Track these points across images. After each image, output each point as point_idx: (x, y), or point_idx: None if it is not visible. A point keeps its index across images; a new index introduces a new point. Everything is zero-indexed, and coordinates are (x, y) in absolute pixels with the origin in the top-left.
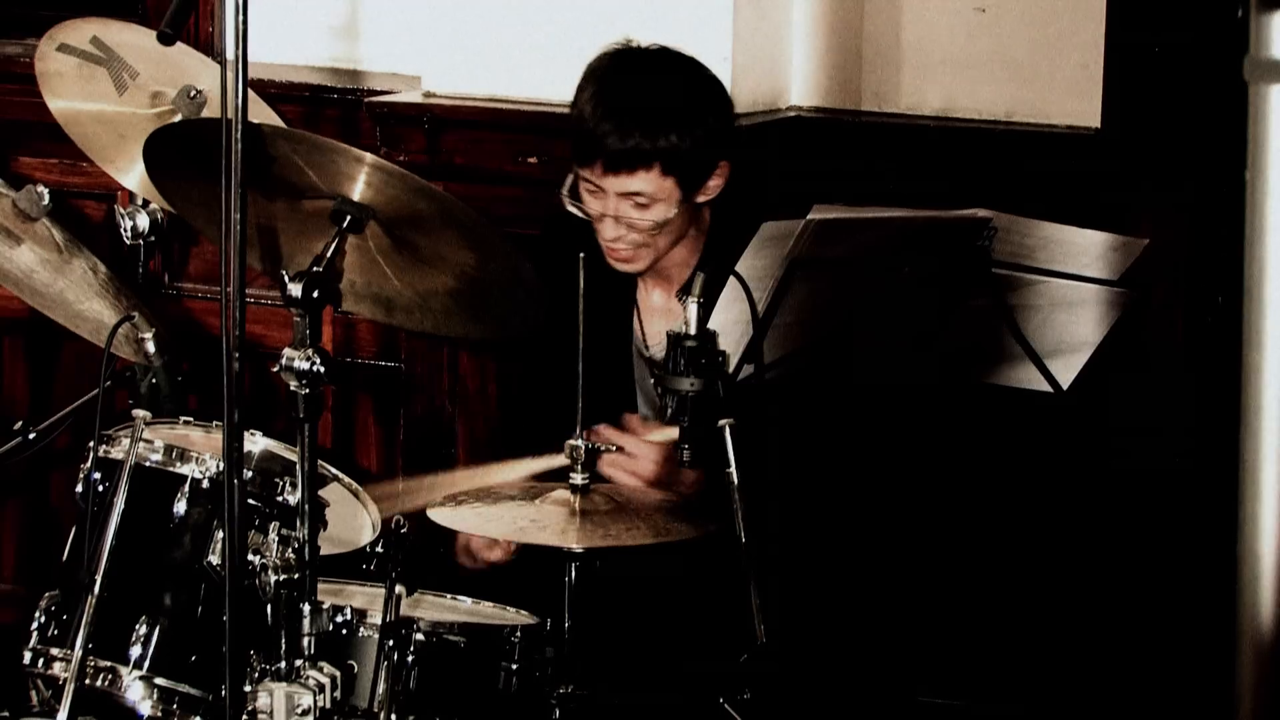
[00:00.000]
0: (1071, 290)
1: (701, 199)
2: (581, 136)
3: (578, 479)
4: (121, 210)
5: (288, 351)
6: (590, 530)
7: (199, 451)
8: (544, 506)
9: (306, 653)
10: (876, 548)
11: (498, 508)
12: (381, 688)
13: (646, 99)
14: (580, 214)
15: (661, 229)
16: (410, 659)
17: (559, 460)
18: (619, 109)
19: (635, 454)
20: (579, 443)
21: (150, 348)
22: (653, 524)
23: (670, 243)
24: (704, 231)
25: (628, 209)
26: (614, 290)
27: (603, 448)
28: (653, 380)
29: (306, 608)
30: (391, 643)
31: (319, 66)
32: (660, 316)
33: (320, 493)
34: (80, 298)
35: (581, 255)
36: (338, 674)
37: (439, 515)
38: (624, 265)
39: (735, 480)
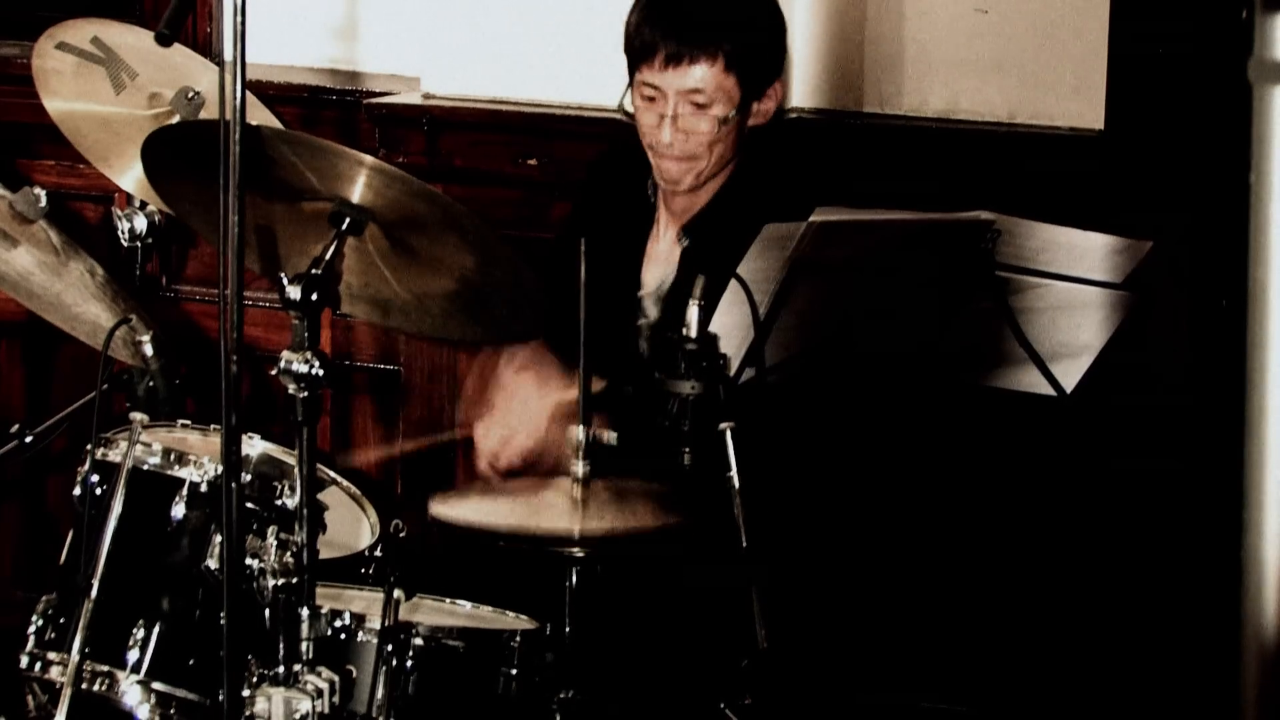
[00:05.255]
0: (1075, 293)
1: (754, 120)
2: (639, 40)
3: (579, 469)
4: (119, 212)
5: (286, 354)
6: (591, 518)
7: (197, 455)
8: (545, 495)
9: (305, 657)
10: (878, 552)
11: (500, 499)
12: (380, 693)
13: (708, 1)
14: (635, 123)
15: (718, 133)
16: (409, 664)
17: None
18: (681, 7)
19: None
20: (579, 433)
21: (148, 350)
22: (653, 511)
23: (718, 161)
24: (728, 175)
25: (687, 110)
26: (630, 232)
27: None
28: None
29: (305, 612)
30: (390, 647)
31: (317, 68)
32: (659, 261)
33: (319, 496)
34: (77, 300)
35: (582, 240)
36: (336, 679)
37: (441, 509)
38: (672, 183)
39: (737, 484)
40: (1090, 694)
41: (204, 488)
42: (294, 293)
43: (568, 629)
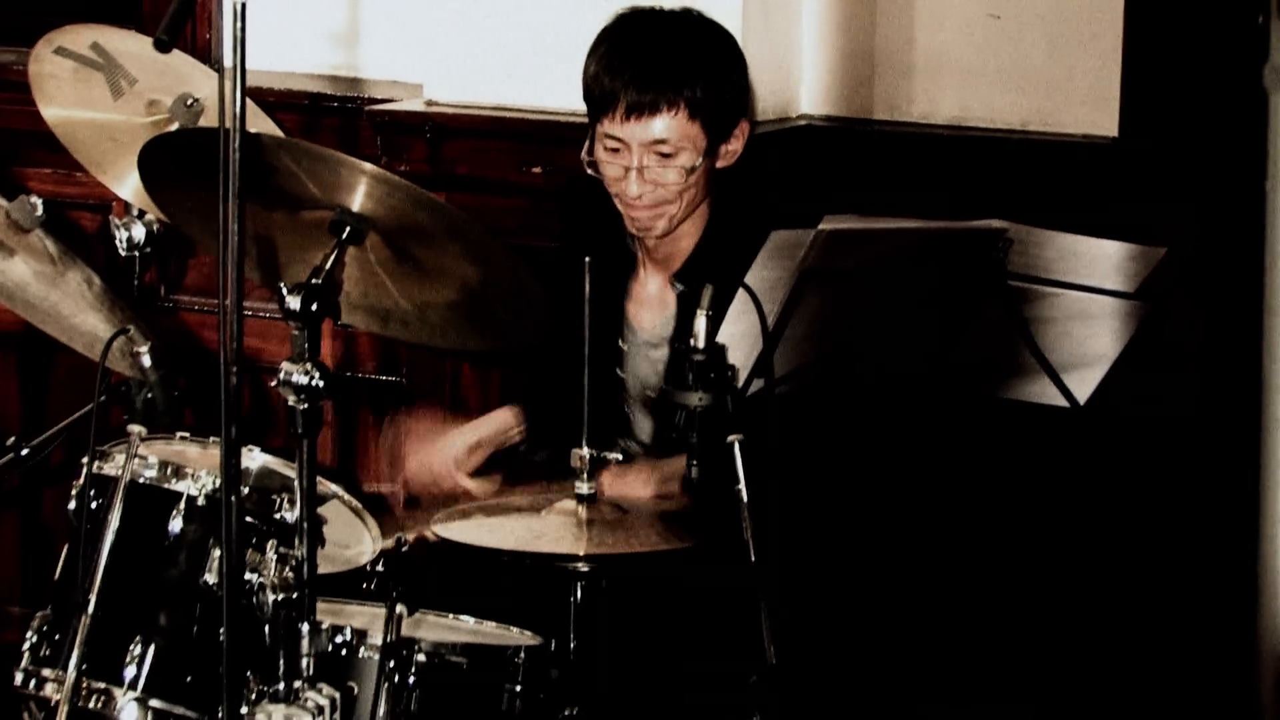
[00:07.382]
0: (1088, 302)
1: (722, 162)
2: (599, 90)
3: (583, 488)
4: (117, 221)
5: (286, 365)
6: (596, 540)
7: (195, 468)
8: (549, 517)
9: (305, 674)
10: (888, 566)
11: (504, 519)
12: (382, 710)
13: (667, 47)
14: (600, 175)
15: (687, 181)
16: (412, 680)
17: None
18: (639, 56)
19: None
20: (584, 452)
21: (146, 362)
22: (657, 533)
23: (689, 205)
24: (705, 216)
25: (652, 162)
26: (609, 278)
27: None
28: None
29: (305, 628)
30: (392, 664)
31: (318, 75)
32: (654, 306)
33: (319, 510)
34: (75, 311)
35: (587, 260)
36: (337, 696)
37: (444, 529)
38: (644, 230)
39: (745, 497)
40: (1106, 706)
41: (202, 501)
42: (294, 303)
43: (572, 645)
